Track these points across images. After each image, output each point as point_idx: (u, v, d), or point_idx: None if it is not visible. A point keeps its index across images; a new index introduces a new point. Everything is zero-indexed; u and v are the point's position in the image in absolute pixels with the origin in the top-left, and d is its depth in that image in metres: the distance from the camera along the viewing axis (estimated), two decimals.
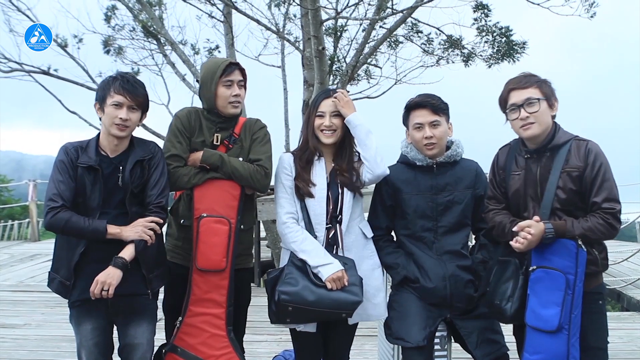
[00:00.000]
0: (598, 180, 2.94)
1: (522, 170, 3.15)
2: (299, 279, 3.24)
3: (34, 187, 14.93)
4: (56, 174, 3.12)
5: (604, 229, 2.90)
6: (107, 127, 3.17)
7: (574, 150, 3.02)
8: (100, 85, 3.25)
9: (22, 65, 9.51)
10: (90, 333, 3.16)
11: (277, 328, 4.25)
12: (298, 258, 3.30)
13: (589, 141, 3.05)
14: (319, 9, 7.65)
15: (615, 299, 8.59)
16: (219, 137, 3.49)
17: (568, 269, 2.87)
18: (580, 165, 2.98)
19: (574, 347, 2.87)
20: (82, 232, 3.03)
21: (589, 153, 2.98)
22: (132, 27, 10.52)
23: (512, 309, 3.05)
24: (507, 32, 9.56)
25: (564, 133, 3.09)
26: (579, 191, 2.98)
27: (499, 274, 3.16)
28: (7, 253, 12.42)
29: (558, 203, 3.00)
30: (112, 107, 3.12)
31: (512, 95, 3.11)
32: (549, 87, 3.11)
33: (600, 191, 2.93)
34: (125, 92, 3.13)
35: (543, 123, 3.05)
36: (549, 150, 3.08)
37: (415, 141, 3.42)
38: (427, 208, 3.38)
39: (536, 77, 3.13)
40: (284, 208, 3.39)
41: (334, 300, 3.19)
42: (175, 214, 3.53)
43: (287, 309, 3.20)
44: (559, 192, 2.99)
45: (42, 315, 6.97)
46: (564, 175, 2.99)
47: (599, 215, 2.91)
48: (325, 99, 3.43)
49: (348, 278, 3.22)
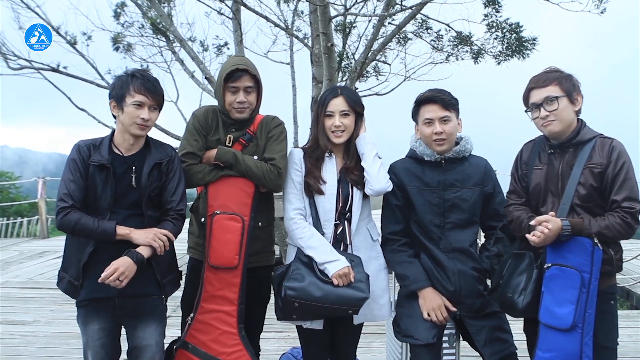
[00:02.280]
0: (620, 178, 2.92)
1: (545, 165, 3.14)
2: (305, 275, 3.25)
3: (44, 184, 14.96)
4: (67, 172, 3.10)
5: (622, 228, 2.88)
6: (126, 126, 3.14)
7: (598, 147, 3.01)
8: (116, 83, 3.18)
9: (31, 62, 9.52)
10: (97, 333, 3.15)
11: (284, 325, 4.25)
12: (304, 254, 3.30)
13: (613, 139, 3.03)
14: (328, 5, 7.62)
15: (624, 297, 8.56)
16: (232, 138, 3.48)
17: (583, 267, 2.85)
18: (603, 162, 2.96)
19: (587, 346, 2.85)
20: (92, 233, 3.02)
21: (612, 150, 2.97)
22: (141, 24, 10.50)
23: (525, 302, 3.03)
24: (517, 29, 9.50)
25: (589, 130, 3.08)
26: (600, 188, 2.97)
27: (512, 267, 3.14)
28: (16, 250, 12.45)
29: (578, 199, 2.99)
30: (133, 106, 3.09)
31: (532, 95, 3.11)
32: (570, 82, 3.09)
33: (621, 190, 2.91)
34: (147, 91, 3.11)
35: (564, 120, 3.04)
36: (572, 146, 3.07)
37: (424, 136, 3.40)
38: (434, 204, 3.37)
39: (557, 73, 3.11)
40: (292, 204, 3.38)
41: (340, 297, 3.19)
42: (196, 212, 3.53)
43: (294, 305, 3.20)
44: (579, 188, 2.98)
45: (51, 312, 6.98)
46: (586, 171, 2.98)
47: (617, 214, 2.89)
48: (333, 98, 3.41)
49: (355, 274, 3.22)
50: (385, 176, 3.38)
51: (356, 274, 3.24)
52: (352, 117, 3.40)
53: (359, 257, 3.34)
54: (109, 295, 3.11)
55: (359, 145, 3.42)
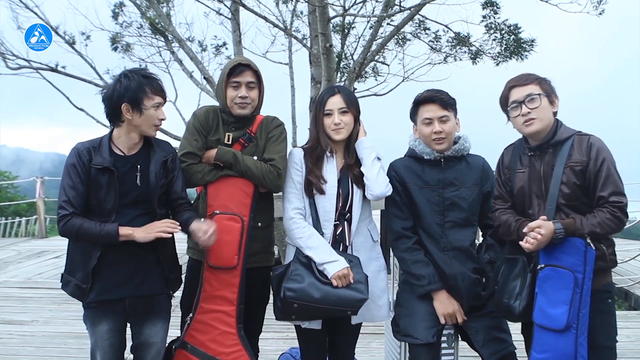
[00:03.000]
0: (602, 174, 2.92)
1: (527, 167, 3.15)
2: (304, 275, 3.24)
3: (42, 184, 14.94)
4: (67, 178, 3.07)
5: (612, 223, 2.88)
6: (143, 128, 3.13)
7: (576, 145, 3.01)
8: (127, 87, 3.06)
9: (30, 62, 9.53)
10: (106, 334, 3.15)
11: (283, 325, 4.26)
12: (303, 254, 3.30)
13: (591, 135, 3.03)
14: (327, 6, 7.64)
15: (622, 298, 8.55)
16: (231, 137, 3.48)
17: (576, 267, 2.85)
18: (584, 159, 2.96)
19: (582, 346, 2.85)
20: (95, 237, 3.01)
21: (591, 147, 2.97)
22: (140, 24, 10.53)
23: (521, 306, 3.02)
24: (516, 30, 9.53)
25: (566, 129, 3.08)
26: (583, 186, 2.97)
27: (506, 272, 3.13)
28: (14, 250, 12.43)
29: (562, 198, 2.98)
30: (154, 108, 3.11)
31: (513, 93, 3.12)
32: (548, 84, 3.13)
33: (605, 185, 2.91)
34: (162, 92, 3.15)
35: (544, 119, 3.06)
36: (551, 146, 3.07)
37: (423, 136, 3.40)
38: (434, 202, 3.37)
39: (535, 75, 3.15)
40: (292, 203, 3.38)
41: (339, 298, 3.19)
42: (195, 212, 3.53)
43: (293, 306, 3.20)
44: (563, 187, 2.98)
45: (49, 312, 6.95)
46: (568, 170, 2.98)
47: (607, 209, 2.89)
48: (331, 96, 3.42)
49: (354, 275, 3.22)
50: (385, 180, 3.38)
51: (355, 274, 3.24)
52: (350, 114, 3.41)
53: (357, 257, 3.34)
54: (121, 296, 3.12)
55: (358, 149, 3.43)
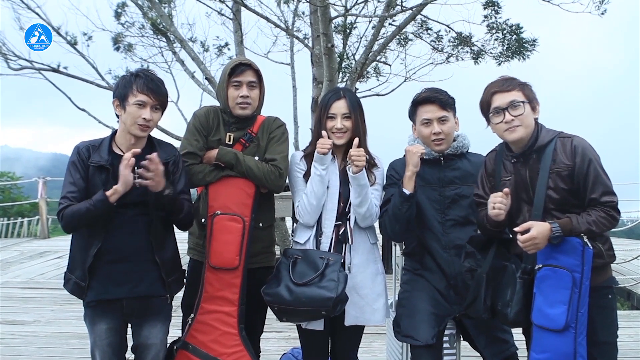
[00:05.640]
0: (591, 176, 2.90)
1: (511, 175, 3.11)
2: (282, 278, 3.29)
3: (44, 184, 14.96)
4: (68, 175, 3.10)
5: (607, 221, 2.88)
6: (127, 126, 3.12)
7: (559, 148, 2.98)
8: (120, 82, 3.16)
9: (32, 62, 9.53)
10: (105, 333, 3.16)
11: (285, 326, 4.25)
12: (287, 256, 3.36)
13: (574, 137, 3.00)
14: (328, 6, 7.62)
15: (624, 297, 8.54)
16: (232, 137, 3.48)
17: (574, 267, 2.83)
18: (569, 163, 2.94)
19: (581, 346, 2.84)
20: (90, 213, 2.99)
21: (575, 150, 2.94)
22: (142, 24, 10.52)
23: (512, 313, 3.00)
24: (518, 30, 9.51)
25: (547, 132, 3.05)
26: (572, 189, 2.95)
27: (497, 280, 3.10)
28: (16, 250, 12.44)
29: (552, 203, 2.96)
30: (135, 106, 3.07)
31: (495, 99, 3.06)
32: (530, 90, 3.08)
33: (595, 187, 2.90)
34: (149, 91, 3.08)
35: (527, 126, 3.02)
36: (534, 152, 3.04)
37: (423, 137, 3.40)
38: (435, 200, 3.38)
39: (517, 80, 3.10)
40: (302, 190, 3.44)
41: (309, 298, 3.19)
42: (196, 213, 3.52)
43: (275, 309, 3.28)
44: (551, 192, 2.96)
45: (51, 312, 6.95)
46: (554, 175, 2.95)
47: (600, 208, 2.89)
48: (336, 100, 3.43)
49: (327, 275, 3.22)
50: (371, 215, 3.40)
51: (329, 274, 3.23)
52: (353, 119, 3.41)
53: (339, 255, 3.33)
54: (118, 297, 3.13)
55: (354, 183, 3.35)
